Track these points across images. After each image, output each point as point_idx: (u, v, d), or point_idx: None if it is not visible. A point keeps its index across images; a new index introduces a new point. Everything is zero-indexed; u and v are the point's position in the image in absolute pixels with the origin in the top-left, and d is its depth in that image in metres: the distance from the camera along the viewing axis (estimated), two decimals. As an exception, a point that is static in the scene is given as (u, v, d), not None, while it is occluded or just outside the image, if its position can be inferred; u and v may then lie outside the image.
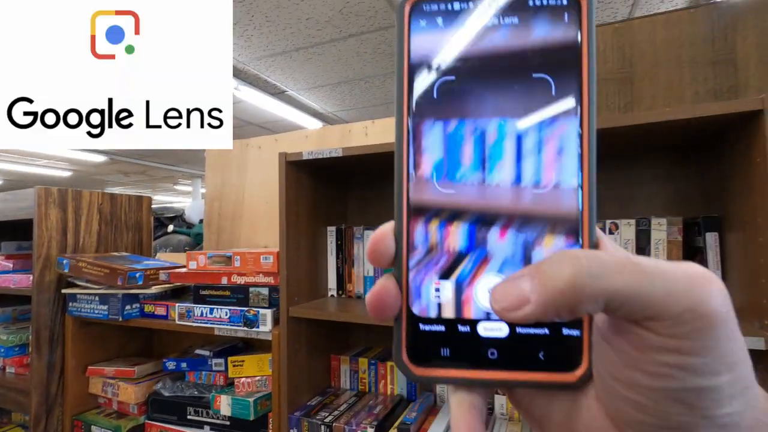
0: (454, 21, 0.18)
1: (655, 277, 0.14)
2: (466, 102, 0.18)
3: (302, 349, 1.10)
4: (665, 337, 0.14)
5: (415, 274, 0.18)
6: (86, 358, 1.41)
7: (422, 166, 0.18)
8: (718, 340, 0.14)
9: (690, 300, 0.14)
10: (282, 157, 1.06)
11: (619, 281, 0.14)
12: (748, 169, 0.75)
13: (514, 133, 0.18)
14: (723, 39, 0.98)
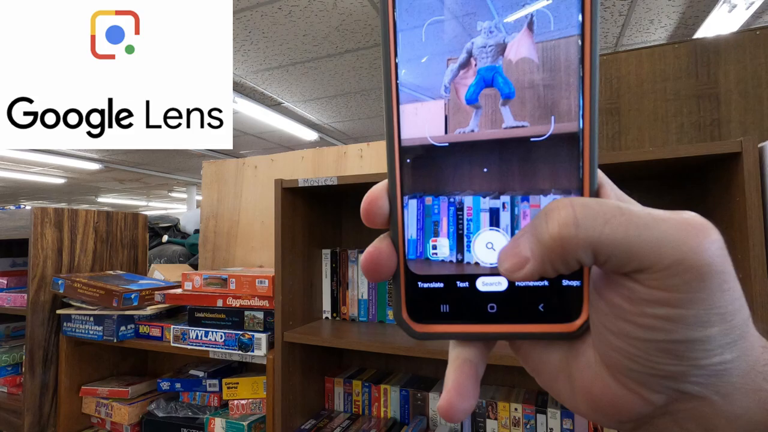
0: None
1: (645, 227, 0.14)
2: (454, 45, 0.17)
3: (296, 372, 1.11)
4: (654, 290, 0.14)
5: (412, 231, 0.18)
6: (80, 378, 1.41)
7: (412, 123, 0.17)
8: (709, 292, 0.14)
9: (680, 251, 0.14)
10: (278, 183, 1.08)
11: (606, 231, 0.14)
12: (729, 206, 0.77)
13: (512, 74, 0.17)
14: (706, 74, 1.01)
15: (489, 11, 0.16)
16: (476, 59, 0.17)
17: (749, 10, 2.12)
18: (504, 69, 0.17)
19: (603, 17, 2.37)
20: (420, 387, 1.14)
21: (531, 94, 0.16)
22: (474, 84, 0.17)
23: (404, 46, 0.17)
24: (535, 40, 0.16)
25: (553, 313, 0.17)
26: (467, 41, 0.17)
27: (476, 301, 0.17)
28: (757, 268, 0.69)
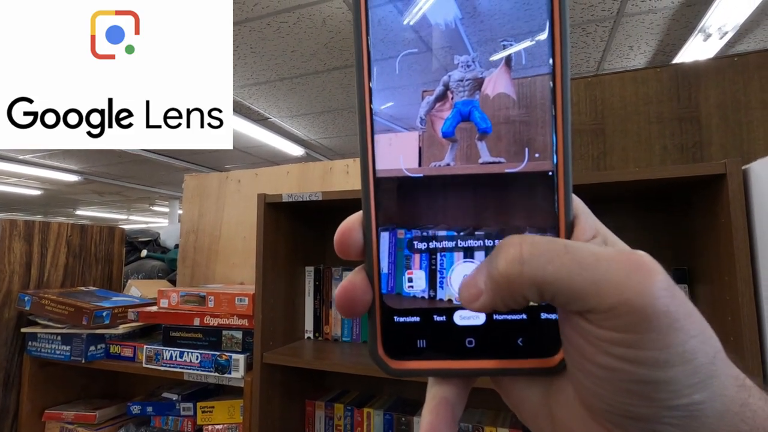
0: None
1: (587, 267, 0.14)
2: (428, 75, 0.17)
3: (276, 396, 1.06)
4: (605, 330, 0.14)
5: (387, 265, 0.17)
6: (43, 402, 1.33)
7: (386, 154, 0.17)
8: (659, 332, 0.13)
9: (622, 293, 0.13)
10: (261, 198, 1.05)
11: (550, 269, 0.14)
12: (715, 228, 0.78)
13: (489, 109, 0.17)
14: (687, 97, 1.03)
15: (465, 46, 0.16)
16: (453, 92, 0.17)
17: (723, 40, 2.21)
18: (481, 104, 0.17)
19: (584, 42, 2.44)
20: (405, 410, 1.10)
21: (507, 129, 0.16)
22: (450, 117, 0.17)
23: (379, 76, 0.17)
24: (513, 77, 0.16)
25: (532, 348, 0.16)
26: (444, 74, 0.17)
27: (454, 336, 0.17)
28: (744, 290, 0.69)
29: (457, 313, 0.17)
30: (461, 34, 0.16)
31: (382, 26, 0.16)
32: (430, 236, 0.17)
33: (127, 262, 3.43)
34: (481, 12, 0.16)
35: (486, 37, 0.16)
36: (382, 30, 0.16)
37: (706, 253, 0.82)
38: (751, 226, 0.71)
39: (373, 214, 0.17)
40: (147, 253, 3.53)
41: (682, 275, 0.89)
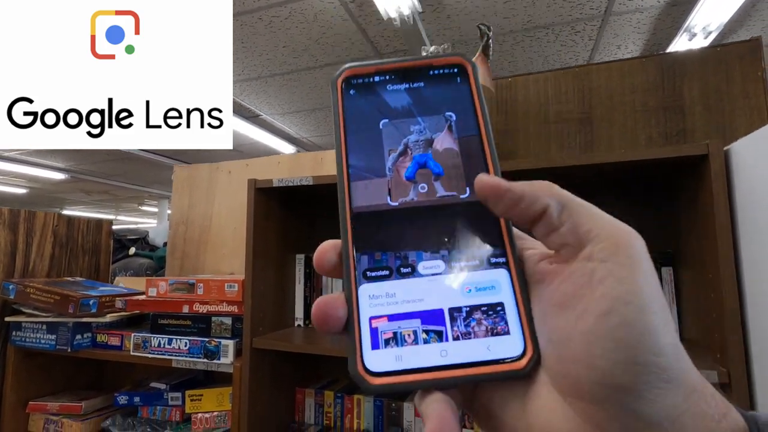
0: (374, 88, 0.23)
1: (591, 211, 0.19)
2: (392, 146, 0.22)
3: (265, 382, 1.06)
4: (599, 262, 0.17)
5: (364, 286, 0.19)
6: (28, 393, 1.31)
7: (361, 194, 0.21)
8: (643, 270, 0.16)
9: (616, 229, 0.18)
10: (251, 183, 1.05)
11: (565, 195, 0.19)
12: (697, 209, 0.79)
13: (440, 159, 0.22)
14: (671, 87, 1.05)
15: (418, 119, 0.22)
16: (411, 149, 0.22)
17: (708, 39, 2.26)
18: (433, 155, 0.22)
19: (573, 41, 2.48)
20: (394, 397, 1.10)
21: (454, 172, 0.21)
22: (411, 166, 0.22)
23: (353, 141, 0.22)
24: (454, 137, 0.22)
25: (501, 353, 0.18)
26: (404, 138, 0.22)
27: (428, 350, 0.19)
28: (725, 269, 0.71)
29: (429, 327, 0.19)
30: (415, 113, 0.22)
31: (358, 110, 0.23)
32: (400, 256, 0.20)
33: (115, 259, 3.39)
34: (427, 97, 0.23)
35: (433, 113, 0.22)
36: (358, 112, 0.23)
37: (690, 236, 0.84)
38: (732, 206, 0.72)
39: (350, 240, 0.20)
40: (135, 251, 3.49)
41: (667, 258, 0.91)
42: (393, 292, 0.19)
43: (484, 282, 0.20)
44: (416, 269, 0.20)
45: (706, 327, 0.77)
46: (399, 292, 0.19)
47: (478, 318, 0.19)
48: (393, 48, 2.55)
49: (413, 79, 0.23)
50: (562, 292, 0.18)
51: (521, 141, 1.16)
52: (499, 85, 1.19)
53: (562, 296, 0.17)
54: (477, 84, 0.23)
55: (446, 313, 0.19)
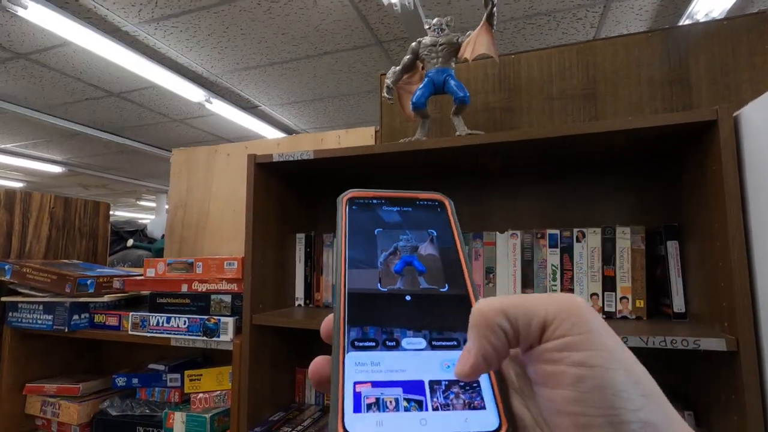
0: (372, 207, 0.28)
1: (527, 297, 0.20)
2: (384, 252, 0.26)
3: (266, 361, 1.05)
4: (559, 339, 0.18)
5: (351, 354, 0.21)
6: (25, 376, 1.29)
7: (356, 280, 0.24)
8: (595, 332, 0.18)
9: (559, 303, 0.19)
10: (251, 158, 1.03)
11: (506, 300, 0.20)
12: (705, 178, 0.78)
13: (423, 261, 0.26)
14: (678, 61, 1.04)
15: (406, 231, 0.27)
16: (400, 251, 0.26)
17: (710, 26, 2.25)
18: (418, 257, 0.26)
19: (575, 28, 2.46)
20: None
21: (435, 271, 0.25)
22: (400, 262, 0.26)
23: (352, 242, 0.26)
24: (435, 246, 0.27)
25: (478, 426, 0.20)
26: (394, 243, 0.26)
27: (409, 417, 0.20)
28: (734, 236, 0.69)
29: (410, 396, 0.20)
30: (404, 226, 0.27)
31: (358, 220, 0.27)
32: (386, 331, 0.23)
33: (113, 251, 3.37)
34: (414, 217, 0.28)
35: (418, 228, 0.27)
36: (358, 222, 0.27)
37: (697, 206, 0.82)
38: (741, 172, 0.71)
39: (343, 313, 0.23)
40: (133, 243, 3.47)
41: (673, 231, 0.89)
42: (378, 362, 0.21)
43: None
44: (400, 344, 0.22)
45: (713, 297, 0.76)
46: (383, 362, 0.21)
47: (456, 392, 0.21)
48: (393, 35, 2.53)
49: (403, 205, 0.28)
50: (538, 373, 0.19)
51: (524, 118, 1.15)
52: (503, 62, 1.17)
53: (539, 376, 0.19)
54: (453, 214, 0.28)
55: (426, 385, 0.21)
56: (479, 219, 1.15)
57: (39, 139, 4.51)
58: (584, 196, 1.06)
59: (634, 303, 0.91)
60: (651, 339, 0.72)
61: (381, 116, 1.29)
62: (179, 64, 2.88)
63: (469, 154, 0.93)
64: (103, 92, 3.32)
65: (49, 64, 2.85)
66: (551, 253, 0.96)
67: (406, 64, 1.02)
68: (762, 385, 0.66)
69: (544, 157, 0.98)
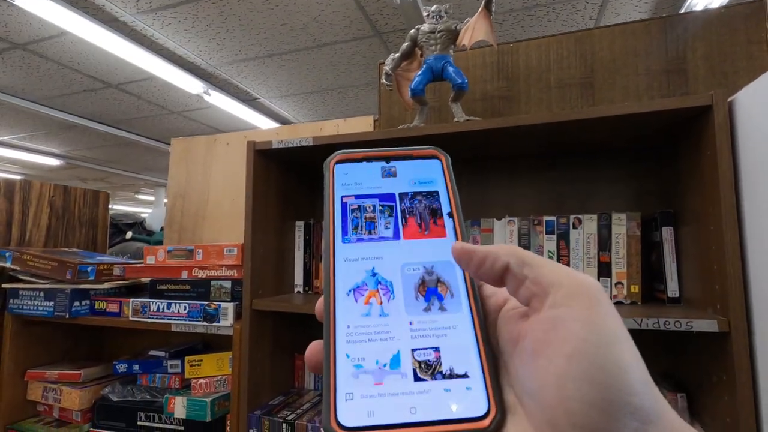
0: (358, 168, 0.27)
1: (552, 266, 0.20)
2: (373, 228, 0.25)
3: (265, 346, 1.06)
4: (565, 307, 0.18)
5: (343, 345, 0.21)
6: (27, 362, 1.30)
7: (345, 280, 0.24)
8: (602, 313, 0.17)
9: (574, 275, 0.19)
10: (250, 145, 1.03)
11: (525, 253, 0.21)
12: (700, 163, 0.79)
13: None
14: (675, 50, 1.04)
15: (401, 198, 0.26)
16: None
17: (708, 18, 2.25)
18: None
19: (574, 20, 2.46)
20: None
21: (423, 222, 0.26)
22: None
23: (343, 217, 0.25)
24: (429, 211, 0.26)
25: (467, 413, 0.20)
26: (387, 214, 0.25)
27: (399, 406, 0.20)
28: (728, 219, 0.71)
29: (403, 384, 0.20)
30: (397, 190, 0.27)
31: (347, 189, 0.27)
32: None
33: (112, 243, 3.37)
34: (407, 176, 0.27)
35: (412, 190, 0.27)
36: (347, 192, 0.26)
37: (692, 192, 0.83)
38: (735, 157, 0.72)
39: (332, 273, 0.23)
40: (132, 235, 3.48)
41: (668, 218, 0.91)
42: (368, 356, 0.21)
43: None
44: (392, 339, 0.22)
45: (706, 281, 0.77)
46: (374, 355, 0.21)
47: (447, 372, 0.21)
48: (392, 27, 2.53)
49: (396, 162, 0.27)
50: (533, 340, 0.19)
51: (522, 107, 1.15)
52: (501, 51, 1.17)
53: (534, 343, 0.18)
54: (449, 170, 0.27)
55: (411, 358, 0.21)
56: (477, 206, 1.16)
57: (36, 131, 4.49)
58: (581, 183, 1.07)
59: (629, 288, 0.92)
60: (645, 321, 0.73)
61: (379, 105, 1.29)
62: (177, 55, 2.86)
63: (467, 140, 0.94)
64: (101, 83, 3.31)
65: (47, 55, 2.84)
66: (548, 239, 0.97)
67: (405, 51, 1.03)
68: (752, 364, 0.67)
69: (542, 144, 0.99)
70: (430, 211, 0.25)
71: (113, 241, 3.39)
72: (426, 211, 0.25)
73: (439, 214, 0.25)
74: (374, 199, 0.26)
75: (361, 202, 0.26)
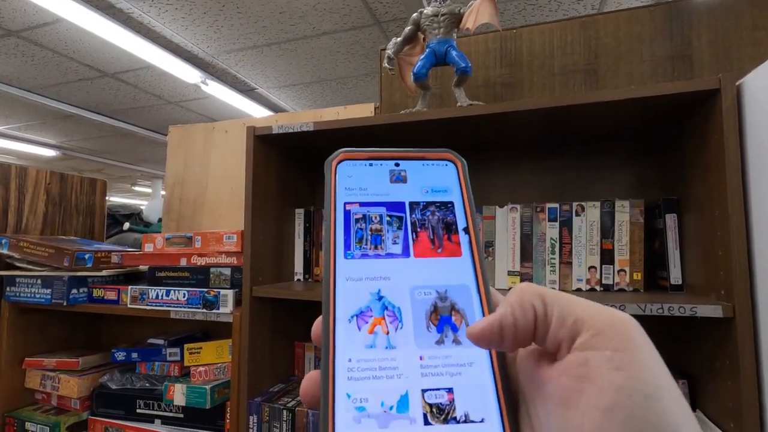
0: (363, 169, 0.24)
1: (572, 296, 0.18)
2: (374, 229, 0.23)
3: (265, 333, 1.05)
4: (595, 351, 0.16)
5: (344, 382, 0.19)
6: (24, 350, 1.29)
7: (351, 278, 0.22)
8: (639, 351, 0.15)
9: (604, 311, 0.17)
10: (250, 131, 1.02)
11: (547, 290, 0.18)
12: (706, 148, 0.78)
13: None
14: (680, 36, 1.03)
15: (410, 206, 0.24)
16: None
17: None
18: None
19: (576, 10, 2.43)
20: None
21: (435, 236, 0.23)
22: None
23: (345, 225, 0.23)
24: (442, 224, 0.24)
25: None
26: (394, 225, 0.23)
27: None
28: (734, 204, 0.70)
29: (403, 410, 0.19)
30: (406, 198, 0.24)
31: (351, 192, 0.24)
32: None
33: (110, 234, 3.35)
34: (418, 183, 0.25)
35: (424, 198, 0.24)
36: (350, 196, 0.24)
37: (697, 178, 0.83)
38: (742, 141, 0.71)
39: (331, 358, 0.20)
40: (129, 226, 3.46)
41: (671, 204, 0.90)
42: (369, 393, 0.20)
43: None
44: (394, 381, 0.20)
45: (710, 267, 0.77)
46: (375, 393, 0.20)
47: (457, 403, 0.19)
48: (392, 15, 2.50)
49: (406, 167, 0.25)
50: (562, 387, 0.16)
51: (525, 93, 1.14)
52: (504, 37, 1.16)
53: (563, 392, 0.16)
54: (466, 177, 0.25)
55: (419, 393, 0.19)
56: (479, 193, 1.15)
57: (31, 121, 4.44)
58: (584, 170, 1.07)
59: (631, 275, 0.92)
60: (649, 306, 0.73)
61: (380, 92, 1.28)
62: (174, 44, 2.83)
63: (470, 125, 0.93)
64: (97, 72, 3.27)
65: (42, 42, 2.80)
66: (550, 226, 0.96)
67: (408, 35, 1.01)
68: (756, 349, 0.67)
69: (545, 130, 0.98)
70: (444, 225, 0.23)
71: (110, 232, 3.37)
72: (439, 224, 0.23)
73: (453, 230, 0.23)
74: (381, 207, 0.23)
75: (366, 211, 0.23)
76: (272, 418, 0.96)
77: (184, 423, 1.13)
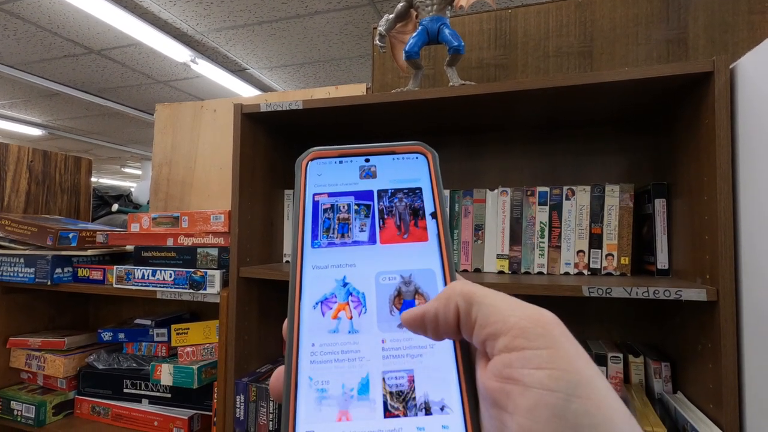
0: (333, 167, 0.24)
1: (506, 301, 0.18)
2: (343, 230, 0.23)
3: (253, 314, 1.05)
4: (518, 352, 0.16)
5: (306, 366, 0.19)
6: (9, 331, 1.28)
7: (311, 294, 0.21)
8: (562, 349, 0.15)
9: (528, 310, 0.17)
10: (237, 108, 1.00)
11: (476, 288, 0.19)
12: (697, 132, 0.78)
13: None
14: (676, 19, 1.02)
15: (379, 199, 0.24)
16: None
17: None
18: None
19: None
20: None
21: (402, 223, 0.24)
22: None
23: (314, 227, 0.23)
24: (410, 215, 0.24)
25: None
26: (365, 221, 0.23)
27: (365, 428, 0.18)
28: (722, 186, 0.70)
29: (371, 419, 0.18)
30: (375, 195, 0.24)
31: (322, 191, 0.24)
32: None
33: (98, 215, 3.31)
34: (387, 177, 0.25)
35: (392, 192, 0.24)
36: (321, 195, 0.24)
37: (687, 162, 0.82)
38: (733, 125, 0.71)
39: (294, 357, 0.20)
40: (118, 208, 3.41)
41: (661, 190, 0.90)
42: (333, 386, 0.20)
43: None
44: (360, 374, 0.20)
45: (696, 251, 0.77)
46: (338, 387, 0.20)
47: (420, 394, 0.19)
48: (386, -5, 2.44)
49: (375, 161, 0.25)
50: (492, 390, 0.16)
51: (518, 75, 1.12)
52: (499, 17, 1.14)
53: (493, 393, 0.16)
54: (436, 170, 0.24)
55: (381, 382, 0.20)
56: (470, 176, 1.14)
57: (16, 98, 4.33)
58: (575, 155, 1.06)
59: (619, 260, 0.92)
60: (634, 290, 0.73)
61: (372, 71, 1.25)
62: (162, 20, 2.75)
63: (462, 106, 0.91)
64: (83, 49, 3.18)
65: (24, 16, 2.71)
66: (540, 210, 0.96)
67: (400, 12, 0.99)
68: (738, 332, 0.68)
69: (537, 112, 0.96)
70: (412, 212, 0.23)
71: (99, 213, 3.33)
72: (407, 211, 0.23)
73: (421, 215, 0.23)
74: (349, 197, 0.23)
75: (334, 201, 0.23)
76: (259, 398, 0.96)
77: (171, 402, 1.13)
